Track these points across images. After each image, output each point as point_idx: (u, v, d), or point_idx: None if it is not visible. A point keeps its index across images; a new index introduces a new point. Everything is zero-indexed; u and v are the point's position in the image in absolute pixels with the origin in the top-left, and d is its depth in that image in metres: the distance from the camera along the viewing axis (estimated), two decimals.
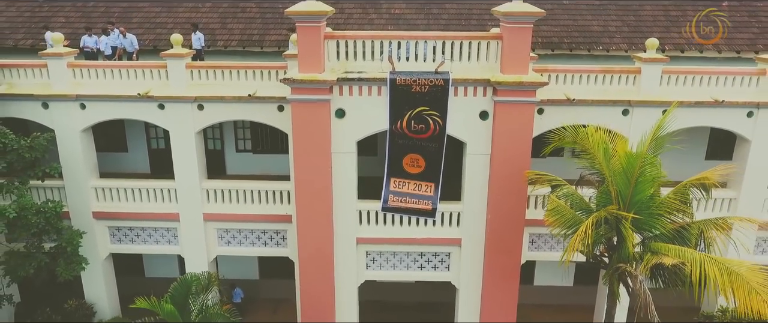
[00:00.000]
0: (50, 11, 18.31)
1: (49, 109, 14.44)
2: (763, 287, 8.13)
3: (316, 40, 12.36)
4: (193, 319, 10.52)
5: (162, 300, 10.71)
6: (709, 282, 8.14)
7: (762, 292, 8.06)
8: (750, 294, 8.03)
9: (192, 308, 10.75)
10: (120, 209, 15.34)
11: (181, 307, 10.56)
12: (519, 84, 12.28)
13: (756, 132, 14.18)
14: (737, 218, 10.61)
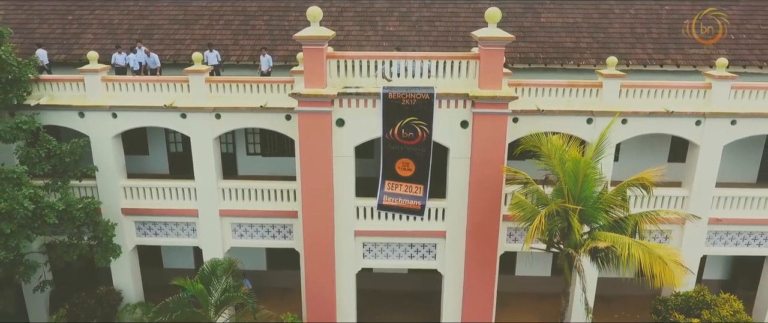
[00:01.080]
0: (79, 28, 20.35)
1: (85, 118, 16.48)
2: (674, 263, 10.20)
3: (319, 60, 14.43)
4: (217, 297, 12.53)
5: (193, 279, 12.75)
6: (634, 260, 10.21)
7: (672, 267, 10.14)
8: (664, 269, 10.11)
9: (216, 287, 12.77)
10: (145, 205, 17.37)
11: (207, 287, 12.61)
12: (493, 98, 14.36)
13: (704, 138, 16.27)
14: (664, 212, 12.69)
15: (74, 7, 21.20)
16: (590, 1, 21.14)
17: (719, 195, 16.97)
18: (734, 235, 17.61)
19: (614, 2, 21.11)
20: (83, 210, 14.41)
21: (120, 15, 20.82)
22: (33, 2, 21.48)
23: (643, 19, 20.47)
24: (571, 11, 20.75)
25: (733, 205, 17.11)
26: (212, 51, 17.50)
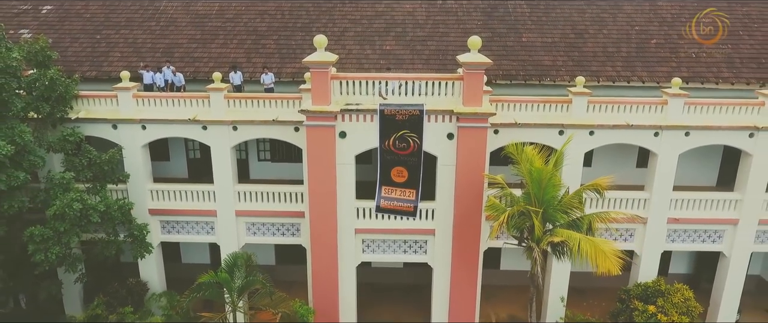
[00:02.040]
0: (107, 47, 22.65)
1: (118, 129, 18.78)
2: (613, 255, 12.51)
3: (324, 81, 16.73)
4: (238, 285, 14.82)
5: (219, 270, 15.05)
6: (583, 252, 12.53)
7: (612, 258, 12.45)
8: (606, 260, 12.41)
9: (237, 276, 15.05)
10: (170, 206, 19.67)
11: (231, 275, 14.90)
12: (475, 114, 16.68)
13: (661, 148, 18.57)
14: (614, 212, 15.00)
15: (102, 27, 23.49)
16: (568, 22, 23.44)
17: (676, 198, 19.25)
18: (691, 233, 19.91)
19: (589, 23, 23.41)
20: (119, 210, 16.72)
21: (143, 34, 23.13)
22: (64, 23, 23.78)
23: (615, 38, 22.77)
24: (550, 31, 23.05)
25: (690, 206, 19.40)
26: (236, 72, 19.73)
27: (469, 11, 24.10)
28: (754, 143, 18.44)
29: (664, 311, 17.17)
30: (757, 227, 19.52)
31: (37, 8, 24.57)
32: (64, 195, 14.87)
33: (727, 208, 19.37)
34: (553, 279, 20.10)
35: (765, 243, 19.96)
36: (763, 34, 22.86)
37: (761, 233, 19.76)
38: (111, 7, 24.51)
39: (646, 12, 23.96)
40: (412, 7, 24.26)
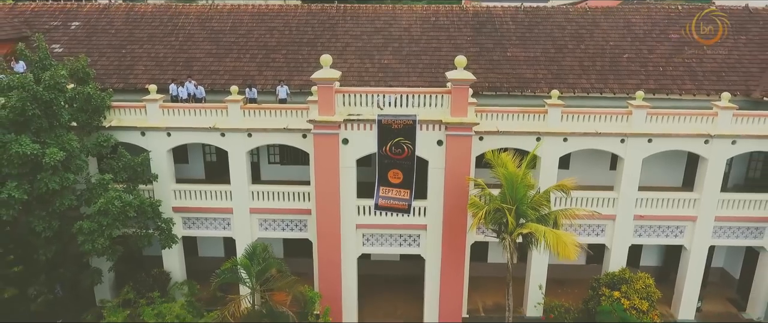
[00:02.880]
0: (132, 61, 25.12)
1: (146, 136, 21.28)
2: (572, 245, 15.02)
3: (330, 95, 19.24)
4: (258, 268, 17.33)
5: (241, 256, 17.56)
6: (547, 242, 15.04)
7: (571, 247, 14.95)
8: (565, 248, 14.92)
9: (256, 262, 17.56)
10: (191, 204, 22.16)
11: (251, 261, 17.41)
12: (461, 124, 19.18)
13: (627, 153, 21.07)
14: (576, 209, 17.46)
15: (126, 42, 25.97)
16: (549, 38, 25.93)
17: (641, 197, 21.76)
18: (656, 228, 22.41)
19: (569, 39, 25.90)
20: (151, 207, 19.23)
21: (164, 49, 25.61)
22: (92, 38, 26.26)
23: (591, 53, 25.25)
24: (532, 47, 25.54)
25: (654, 205, 21.91)
26: (251, 89, 22.18)
27: (460, 27, 26.60)
28: (709, 149, 20.96)
29: (627, 296, 19.68)
30: (714, 223, 22.03)
31: (67, 24, 27.08)
32: (107, 193, 17.36)
33: (686, 206, 21.88)
34: (532, 270, 22.64)
35: (721, 237, 22.47)
36: (725, 50, 25.32)
37: (718, 229, 22.27)
38: (134, 23, 27.00)
39: (620, 28, 26.47)
40: (408, 24, 26.76)
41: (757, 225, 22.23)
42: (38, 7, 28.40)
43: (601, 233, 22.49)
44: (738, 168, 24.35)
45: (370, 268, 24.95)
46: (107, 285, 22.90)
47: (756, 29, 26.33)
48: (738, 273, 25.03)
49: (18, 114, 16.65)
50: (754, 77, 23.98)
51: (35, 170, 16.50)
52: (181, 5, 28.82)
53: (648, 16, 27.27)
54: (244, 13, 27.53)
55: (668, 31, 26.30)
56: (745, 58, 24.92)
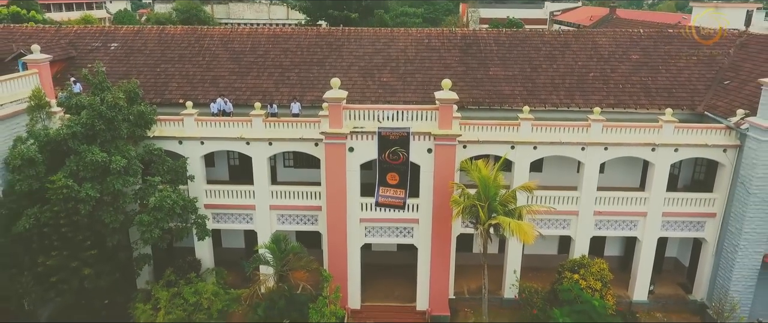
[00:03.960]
0: (166, 78, 29.33)
1: (183, 144, 25.49)
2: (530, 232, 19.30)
3: (338, 111, 23.46)
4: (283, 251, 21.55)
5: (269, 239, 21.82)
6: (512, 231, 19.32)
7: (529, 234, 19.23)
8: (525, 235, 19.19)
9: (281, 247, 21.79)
10: (220, 202, 26.39)
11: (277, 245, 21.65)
12: (446, 135, 23.43)
13: (586, 159, 25.32)
14: (536, 206, 21.69)
15: (160, 61, 30.20)
16: (526, 59, 30.17)
17: (600, 196, 26.02)
18: (613, 223, 26.67)
19: (543, 59, 30.15)
20: (191, 204, 23.47)
21: (193, 68, 29.83)
22: (129, 58, 30.49)
23: (562, 72, 29.49)
24: (511, 66, 29.79)
25: (610, 202, 26.16)
26: (272, 105, 26.36)
27: (449, 49, 30.86)
28: (655, 156, 25.22)
29: (584, 278, 23.92)
30: (662, 218, 26.28)
31: (107, 45, 31.32)
32: (160, 193, 21.60)
33: (638, 204, 26.14)
34: (508, 258, 26.93)
35: (668, 230, 26.72)
36: (677, 69, 29.60)
37: (665, 223, 26.51)
38: (165, 44, 31.24)
39: (588, 50, 30.73)
40: (404, 45, 31.01)
41: (698, 220, 26.47)
42: (80, 30, 32.69)
43: (567, 226, 26.76)
44: (686, 171, 28.63)
45: (371, 258, 29.13)
46: (146, 272, 27.12)
47: (705, 51, 30.59)
48: (688, 261, 29.29)
49: (88, 129, 20.88)
50: (700, 94, 28.24)
51: (104, 174, 20.69)
52: (206, 28, 33.08)
53: (613, 38, 31.57)
54: (261, 35, 31.80)
55: (630, 52, 30.58)
56: (694, 76, 29.19)
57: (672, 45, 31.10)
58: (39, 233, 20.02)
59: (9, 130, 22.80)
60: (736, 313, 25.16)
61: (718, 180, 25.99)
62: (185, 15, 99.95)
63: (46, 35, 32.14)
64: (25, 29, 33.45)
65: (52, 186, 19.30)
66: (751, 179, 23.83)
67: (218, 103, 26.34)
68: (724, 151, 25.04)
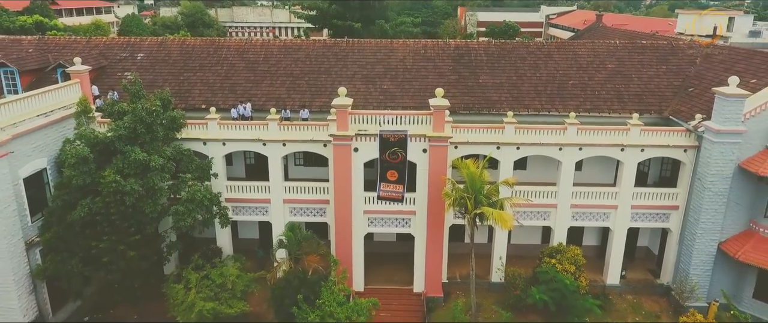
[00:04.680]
0: (189, 86, 32.91)
1: (207, 145, 29.08)
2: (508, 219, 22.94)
3: (345, 117, 27.06)
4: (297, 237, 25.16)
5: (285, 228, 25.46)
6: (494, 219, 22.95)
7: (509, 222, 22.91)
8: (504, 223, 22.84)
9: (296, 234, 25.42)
10: (239, 196, 29.98)
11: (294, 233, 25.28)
12: (439, 137, 27.04)
13: (563, 158, 28.92)
14: (516, 199, 25.32)
15: (183, 70, 33.80)
16: (512, 68, 33.77)
17: (576, 190, 29.62)
18: (588, 214, 30.26)
19: (527, 68, 33.76)
20: (216, 197, 27.08)
21: (213, 77, 33.43)
22: (154, 67, 34.08)
23: (544, 80, 33.10)
24: (499, 74, 33.39)
25: (585, 196, 29.77)
26: (285, 110, 29.98)
27: (443, 59, 34.48)
28: (624, 155, 28.82)
29: (560, 262, 27.54)
30: (631, 210, 29.87)
31: (134, 56, 34.92)
32: (191, 187, 25.21)
33: (609, 198, 29.75)
34: (495, 247, 30.54)
35: (637, 221, 30.29)
36: (648, 77, 33.22)
37: (634, 215, 30.09)
38: (187, 55, 34.85)
39: (568, 59, 34.35)
40: (402, 56, 34.62)
41: (664, 212, 30.06)
42: (109, 41, 36.32)
43: (547, 217, 30.37)
44: (654, 169, 32.26)
45: (373, 247, 32.66)
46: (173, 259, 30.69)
47: (675, 61, 34.25)
48: (657, 250, 32.90)
49: (130, 132, 24.48)
50: (667, 100, 31.86)
51: (144, 171, 24.26)
52: (224, 40, 36.67)
53: (592, 49, 35.21)
54: (273, 46, 35.42)
55: (606, 62, 34.21)
56: (663, 84, 32.82)
57: (644, 55, 34.72)
58: (91, 220, 23.61)
59: (57, 133, 26.50)
60: (695, 294, 28.75)
61: (681, 177, 29.59)
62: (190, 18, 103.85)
63: (78, 46, 35.74)
64: (58, 40, 37.08)
65: (104, 181, 22.87)
66: (706, 175, 27.44)
67: (238, 108, 29.94)
68: (684, 151, 28.64)
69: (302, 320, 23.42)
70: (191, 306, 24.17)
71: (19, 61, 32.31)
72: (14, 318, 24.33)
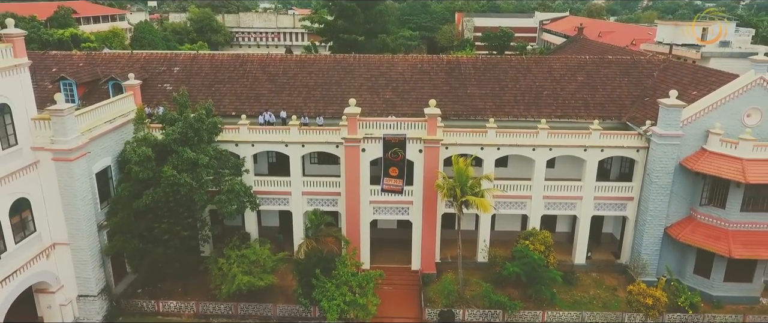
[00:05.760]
0: (220, 95, 39.06)
1: (238, 146, 35.28)
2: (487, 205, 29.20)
3: (354, 123, 33.30)
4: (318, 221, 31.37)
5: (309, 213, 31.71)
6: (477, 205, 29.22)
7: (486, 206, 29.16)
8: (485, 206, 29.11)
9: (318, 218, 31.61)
10: (265, 189, 36.17)
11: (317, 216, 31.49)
12: (432, 140, 33.29)
13: (536, 157, 35.14)
14: (494, 190, 31.55)
15: (214, 82, 40.00)
16: (496, 80, 40.00)
17: (548, 184, 35.85)
18: (558, 204, 36.50)
19: (509, 80, 39.99)
20: (248, 189, 33.31)
21: (240, 88, 39.63)
22: (190, 79, 40.26)
23: (523, 90, 39.32)
24: (485, 85, 39.61)
25: (555, 189, 35.99)
26: (304, 117, 36.21)
27: (437, 72, 40.71)
28: (587, 155, 35.05)
29: (533, 243, 33.77)
30: (594, 201, 36.12)
31: (171, 69, 41.13)
32: (229, 181, 31.45)
33: (575, 190, 36.00)
34: (480, 232, 36.79)
35: (599, 210, 36.55)
36: (611, 88, 39.46)
37: (597, 205, 36.29)
38: (217, 68, 41.06)
39: (544, 73, 40.60)
40: (402, 69, 40.85)
41: (622, 202, 36.29)
42: (148, 56, 42.57)
43: (524, 207, 36.61)
44: (616, 166, 38.54)
45: (377, 234, 38.89)
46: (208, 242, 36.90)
47: (635, 74, 40.52)
48: (619, 235, 39.14)
49: (182, 135, 30.67)
50: (626, 108, 38.11)
51: (194, 167, 30.45)
52: (248, 55, 42.91)
53: (565, 63, 41.47)
54: (290, 61, 41.67)
55: (576, 75, 40.46)
56: (623, 94, 39.07)
57: (609, 69, 40.99)
58: (153, 207, 29.81)
59: (118, 136, 32.69)
60: (647, 271, 34.98)
61: (635, 173, 35.83)
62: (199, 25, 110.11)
63: (121, 61, 41.95)
64: (104, 55, 43.34)
65: (165, 175, 29.05)
66: (653, 171, 33.67)
67: (265, 115, 36.19)
68: (637, 151, 34.88)
69: (321, 288, 29.63)
70: (232, 277, 30.35)
71: (76, 75, 38.51)
72: (89, 287, 30.53)
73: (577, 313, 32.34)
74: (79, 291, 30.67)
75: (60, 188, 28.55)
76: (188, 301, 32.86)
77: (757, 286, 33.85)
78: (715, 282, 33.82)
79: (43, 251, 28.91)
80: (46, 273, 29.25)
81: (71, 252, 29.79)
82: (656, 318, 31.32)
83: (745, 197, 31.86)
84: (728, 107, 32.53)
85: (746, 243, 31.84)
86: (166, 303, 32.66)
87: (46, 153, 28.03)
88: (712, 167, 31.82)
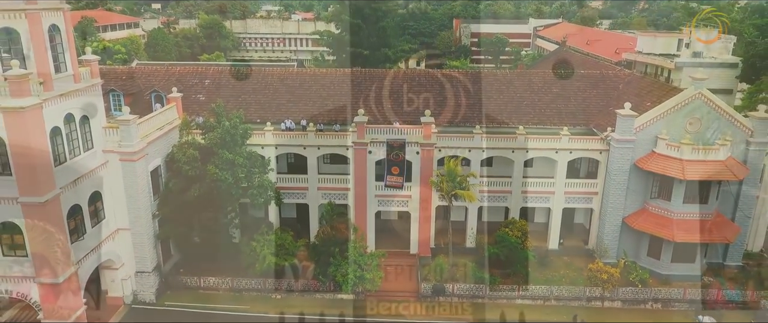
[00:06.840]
0: (245, 104, 46.17)
1: (263, 149, 42.42)
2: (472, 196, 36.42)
3: (363, 129, 40.49)
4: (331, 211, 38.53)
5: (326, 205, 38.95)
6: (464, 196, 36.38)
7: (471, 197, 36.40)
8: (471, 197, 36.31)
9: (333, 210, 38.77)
10: (286, 185, 43.34)
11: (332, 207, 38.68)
12: (428, 143, 40.51)
13: (515, 158, 42.34)
14: (478, 184, 38.75)
15: (240, 93, 47.15)
16: (483, 92, 47.18)
17: (526, 180, 43.04)
18: (535, 197, 43.68)
19: (494, 92, 47.16)
20: (273, 185, 40.53)
21: (263, 98, 46.79)
22: (219, 90, 47.38)
23: (505, 100, 46.50)
24: (473, 96, 46.77)
25: (532, 185, 43.19)
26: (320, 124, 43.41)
27: (433, 85, 47.92)
28: (558, 156, 42.28)
29: (511, 230, 40.96)
30: (564, 195, 43.34)
31: (202, 81, 48.32)
32: (261, 177, 38.66)
33: (549, 186, 43.23)
34: (468, 221, 44.01)
35: (569, 203, 43.78)
36: (582, 99, 46.69)
37: (568, 198, 43.55)
38: (242, 80, 48.24)
39: (525, 85, 47.84)
40: (402, 81, 48.03)
41: (588, 196, 43.53)
42: (182, 70, 49.77)
43: (506, 200, 43.83)
44: (584, 166, 45.78)
45: (381, 223, 46.05)
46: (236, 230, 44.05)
47: (603, 86, 47.77)
48: (588, 225, 46.35)
49: (221, 140, 37.84)
50: (594, 116, 45.34)
51: (231, 166, 37.61)
52: (268, 69, 50.12)
53: (543, 77, 48.72)
54: (306, 74, 48.90)
55: (553, 87, 47.70)
56: (593, 104, 46.31)
57: (581, 81, 48.22)
58: (198, 199, 36.98)
59: (166, 140, 39.85)
60: (608, 254, 42.18)
61: (599, 171, 43.04)
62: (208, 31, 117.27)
63: (159, 74, 49.14)
64: (144, 69, 50.56)
65: (209, 173, 36.23)
66: (612, 170, 40.89)
67: (286, 122, 43.43)
68: (600, 153, 42.10)
69: (336, 265, 36.83)
70: (263, 258, 37.55)
71: (124, 87, 45.70)
72: (145, 265, 37.71)
73: (546, 288, 39.53)
74: (137, 268, 37.84)
75: (125, 183, 35.72)
76: (224, 278, 40.03)
77: (698, 266, 41.06)
78: (665, 262, 41.03)
79: (110, 234, 36.10)
80: (112, 252, 36.43)
81: (132, 236, 36.97)
82: (611, 290, 38.50)
83: (685, 192, 39.09)
84: (673, 116, 39.75)
85: (686, 229, 39.10)
86: (206, 279, 39.82)
87: (114, 155, 35.21)
88: (659, 166, 39.06)
